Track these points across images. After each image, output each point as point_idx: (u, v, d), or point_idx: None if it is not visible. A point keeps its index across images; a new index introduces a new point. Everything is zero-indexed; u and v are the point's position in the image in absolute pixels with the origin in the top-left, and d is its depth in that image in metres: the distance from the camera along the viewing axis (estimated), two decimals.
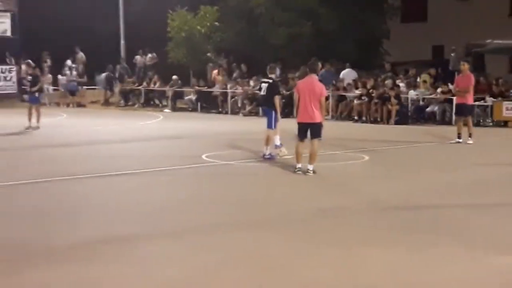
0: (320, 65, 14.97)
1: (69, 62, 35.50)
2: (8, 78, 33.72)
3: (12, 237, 7.85)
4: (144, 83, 33.48)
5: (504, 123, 22.61)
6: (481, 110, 23.38)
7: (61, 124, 24.15)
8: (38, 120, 21.21)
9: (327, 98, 20.93)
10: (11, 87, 33.70)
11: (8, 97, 33.10)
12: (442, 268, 6.71)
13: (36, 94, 21.75)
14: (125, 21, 37.37)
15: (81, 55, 35.98)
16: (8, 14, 34.49)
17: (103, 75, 35.49)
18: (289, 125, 13.58)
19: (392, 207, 9.58)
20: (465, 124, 17.77)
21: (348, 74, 27.99)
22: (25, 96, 22.84)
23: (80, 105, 33.51)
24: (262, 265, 6.78)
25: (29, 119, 21.06)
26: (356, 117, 25.03)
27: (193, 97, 30.96)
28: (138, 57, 36.05)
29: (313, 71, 12.69)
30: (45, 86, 34.47)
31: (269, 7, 31.98)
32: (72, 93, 34.03)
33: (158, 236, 8.00)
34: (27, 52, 32.83)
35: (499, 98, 23.31)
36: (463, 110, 18.03)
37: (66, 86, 34.47)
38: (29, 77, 22.63)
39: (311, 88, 12.23)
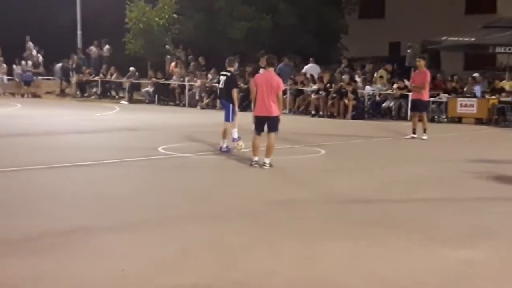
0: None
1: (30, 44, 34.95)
2: None
3: None
4: (101, 75, 33.15)
5: (459, 119, 22.96)
6: (436, 106, 23.70)
7: (16, 114, 23.81)
8: None
9: (284, 92, 21.01)
10: None
11: None
12: (399, 260, 6.78)
13: None
14: (83, 12, 36.92)
15: (30, 44, 35.42)
16: None
17: (59, 65, 35.05)
18: (247, 119, 13.56)
19: (349, 201, 9.65)
20: (420, 120, 18.00)
21: (311, 69, 28.13)
22: None
23: (35, 95, 33.06)
24: (219, 257, 6.77)
25: None
26: (313, 112, 25.17)
27: (150, 89, 30.76)
28: (93, 48, 35.68)
29: (271, 65, 12.72)
30: (0, 75, 34.09)
31: (229, 0, 31.93)
32: (27, 83, 33.54)
33: (114, 228, 7.94)
34: None
35: (454, 95, 23.66)
36: (419, 106, 18.26)
37: (21, 76, 33.95)
38: None
39: (268, 81, 12.25)
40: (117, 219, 8.38)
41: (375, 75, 26.30)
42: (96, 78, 33.03)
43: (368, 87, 25.26)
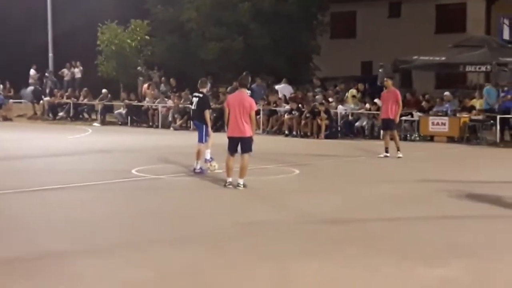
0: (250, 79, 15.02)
1: None
2: None
3: None
4: (72, 98, 32.92)
5: (431, 138, 23.12)
6: (408, 124, 23.86)
7: None
8: None
9: (257, 113, 21.02)
10: None
11: None
12: (374, 280, 6.79)
13: None
14: (54, 34, 36.77)
15: None
16: None
17: (30, 88, 34.81)
18: (220, 139, 13.55)
19: (323, 221, 9.64)
20: (392, 139, 18.09)
21: (284, 89, 28.25)
22: None
23: (6, 119, 32.75)
24: (195, 281, 6.72)
25: None
26: (286, 132, 25.23)
27: (123, 111, 30.64)
28: (65, 70, 35.53)
29: (243, 86, 12.75)
30: None
31: (200, 21, 32.04)
32: None
33: (88, 252, 7.85)
34: None
35: (425, 113, 23.85)
36: (388, 124, 18.35)
37: None
38: None
39: (240, 102, 12.27)
40: (92, 243, 8.30)
41: (347, 94, 26.44)
42: (68, 100, 32.80)
43: (340, 107, 25.38)
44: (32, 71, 35.75)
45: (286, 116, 25.60)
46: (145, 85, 31.59)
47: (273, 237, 8.66)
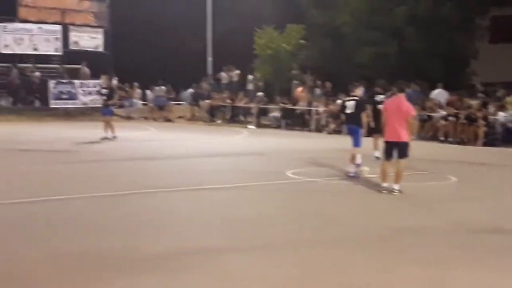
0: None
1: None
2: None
3: (101, 247, 8.10)
4: (229, 100, 33.92)
5: None
6: None
7: (149, 138, 24.71)
8: (113, 131, 22.07)
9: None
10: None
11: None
12: None
13: (110, 107, 22.79)
14: (213, 39, 38.03)
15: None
16: (101, 30, 35.70)
17: (189, 91, 36.23)
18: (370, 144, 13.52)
19: (481, 230, 9.43)
20: None
21: (439, 95, 27.68)
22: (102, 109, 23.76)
23: (167, 119, 34.21)
24: (343, 282, 6.82)
25: (105, 131, 22.07)
26: (442, 138, 24.69)
27: (277, 114, 31.18)
28: (223, 74, 36.60)
29: (401, 91, 12.67)
30: (134, 100, 35.60)
31: (356, 26, 32.00)
32: (161, 108, 34.83)
33: (242, 250, 8.14)
34: (118, 67, 33.97)
35: None
36: None
37: (155, 101, 35.32)
38: (104, 90, 23.51)
39: (398, 107, 12.22)
40: (245, 241, 8.58)
41: (507, 100, 25.46)
42: (225, 103, 33.82)
43: (501, 113, 24.50)
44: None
45: (441, 121, 25.06)
46: (299, 89, 31.98)
47: (427, 243, 8.57)
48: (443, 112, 25.43)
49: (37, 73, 35.61)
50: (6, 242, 8.35)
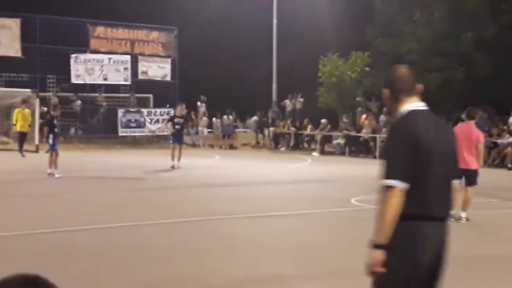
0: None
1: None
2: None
3: (171, 275, 8.14)
4: (294, 127, 34.07)
5: None
6: None
7: (216, 165, 24.99)
8: (179, 160, 22.17)
9: None
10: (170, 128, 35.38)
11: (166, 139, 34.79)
12: None
13: (183, 136, 23.35)
14: (278, 66, 38.36)
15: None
16: (169, 60, 36.43)
17: (254, 118, 36.55)
18: None
19: None
20: None
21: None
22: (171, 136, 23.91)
23: (232, 147, 34.54)
24: None
25: (172, 159, 22.11)
26: (510, 165, 24.23)
27: (341, 141, 31.15)
28: (287, 101, 36.79)
29: (471, 118, 12.55)
30: (200, 128, 36.10)
31: (421, 52, 31.84)
32: (228, 136, 35.20)
33: (310, 277, 8.15)
34: (184, 96, 34.51)
35: None
36: None
37: (222, 129, 35.74)
38: (178, 119, 23.82)
39: (467, 134, 12.10)
40: (312, 268, 8.59)
41: None
42: (290, 130, 33.99)
43: None
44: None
45: (509, 148, 24.62)
46: (363, 116, 31.92)
47: (500, 272, 8.44)
48: (511, 139, 24.98)
49: (104, 103, 36.42)
50: (79, 269, 8.50)
